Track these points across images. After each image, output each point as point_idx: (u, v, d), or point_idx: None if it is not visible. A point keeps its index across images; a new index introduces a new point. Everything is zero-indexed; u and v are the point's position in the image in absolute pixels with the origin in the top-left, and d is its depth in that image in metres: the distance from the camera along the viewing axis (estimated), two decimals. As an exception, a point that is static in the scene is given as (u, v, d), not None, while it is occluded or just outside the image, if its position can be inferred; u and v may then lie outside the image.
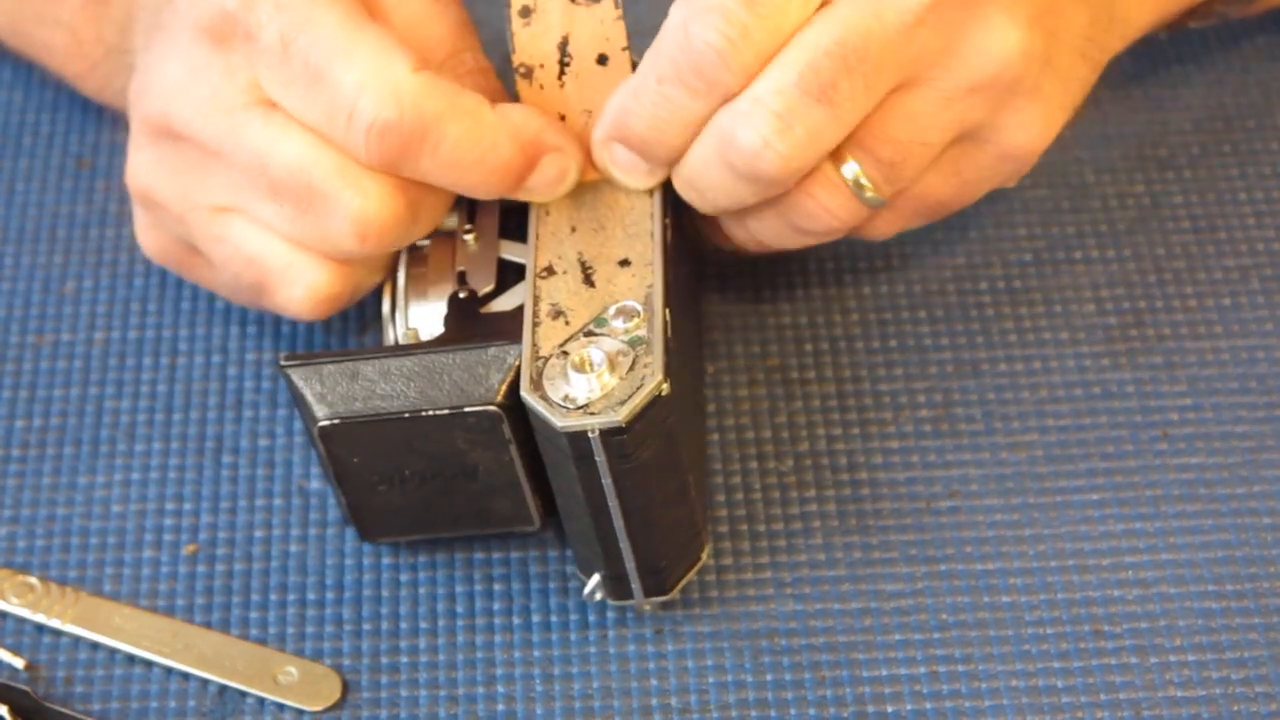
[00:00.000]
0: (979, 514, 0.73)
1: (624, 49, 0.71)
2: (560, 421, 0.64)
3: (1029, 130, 0.70)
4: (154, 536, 0.74)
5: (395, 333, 0.70)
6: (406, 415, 0.67)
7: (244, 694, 0.70)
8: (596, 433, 0.64)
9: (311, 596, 0.72)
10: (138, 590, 0.73)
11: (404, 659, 0.71)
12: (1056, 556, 0.72)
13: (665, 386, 0.65)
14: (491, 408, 0.66)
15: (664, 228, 0.69)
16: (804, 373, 0.77)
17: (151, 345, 0.79)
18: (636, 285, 0.67)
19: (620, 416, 0.64)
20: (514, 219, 0.71)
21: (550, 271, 0.68)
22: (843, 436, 0.75)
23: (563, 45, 0.71)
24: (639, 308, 0.67)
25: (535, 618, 0.71)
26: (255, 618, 0.72)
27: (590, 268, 0.68)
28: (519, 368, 0.66)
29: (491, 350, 0.67)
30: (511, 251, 0.71)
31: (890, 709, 0.69)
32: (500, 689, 0.70)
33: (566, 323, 0.66)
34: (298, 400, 0.68)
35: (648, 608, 0.71)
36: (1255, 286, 0.79)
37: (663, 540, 0.68)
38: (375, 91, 0.66)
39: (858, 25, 0.65)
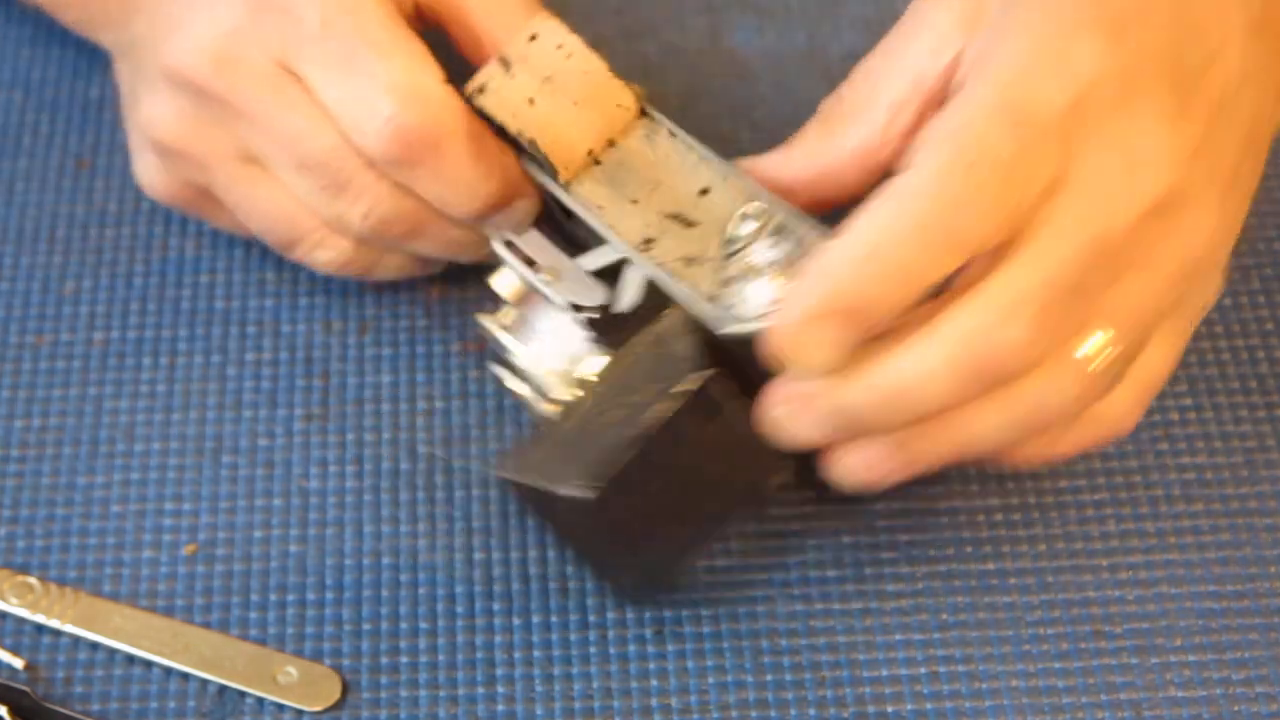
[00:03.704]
0: (979, 514, 0.73)
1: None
2: None
3: (1215, 281, 0.68)
4: (154, 536, 0.74)
5: (558, 400, 0.69)
6: (644, 435, 0.64)
7: (244, 694, 0.70)
8: None
9: (311, 596, 0.72)
10: (137, 590, 0.73)
11: (404, 659, 0.71)
12: (1056, 556, 0.72)
13: None
14: (704, 374, 0.65)
15: (707, 149, 0.69)
16: (804, 373, 0.77)
17: (151, 345, 0.79)
18: (735, 195, 0.67)
19: None
20: (543, 227, 0.71)
21: (650, 242, 0.68)
22: (843, 436, 0.75)
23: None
24: (760, 204, 0.66)
25: (535, 618, 0.71)
26: (255, 618, 0.72)
27: (680, 215, 0.67)
28: (693, 324, 0.65)
29: (658, 328, 0.66)
30: (590, 261, 0.70)
31: (890, 709, 0.69)
32: (500, 689, 0.70)
33: (703, 262, 0.66)
34: (532, 499, 0.67)
35: None
36: (1256, 286, 0.79)
37: None
38: (405, 90, 0.68)
39: (1101, 219, 0.62)
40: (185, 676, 0.71)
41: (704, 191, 0.68)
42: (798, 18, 0.86)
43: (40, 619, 0.72)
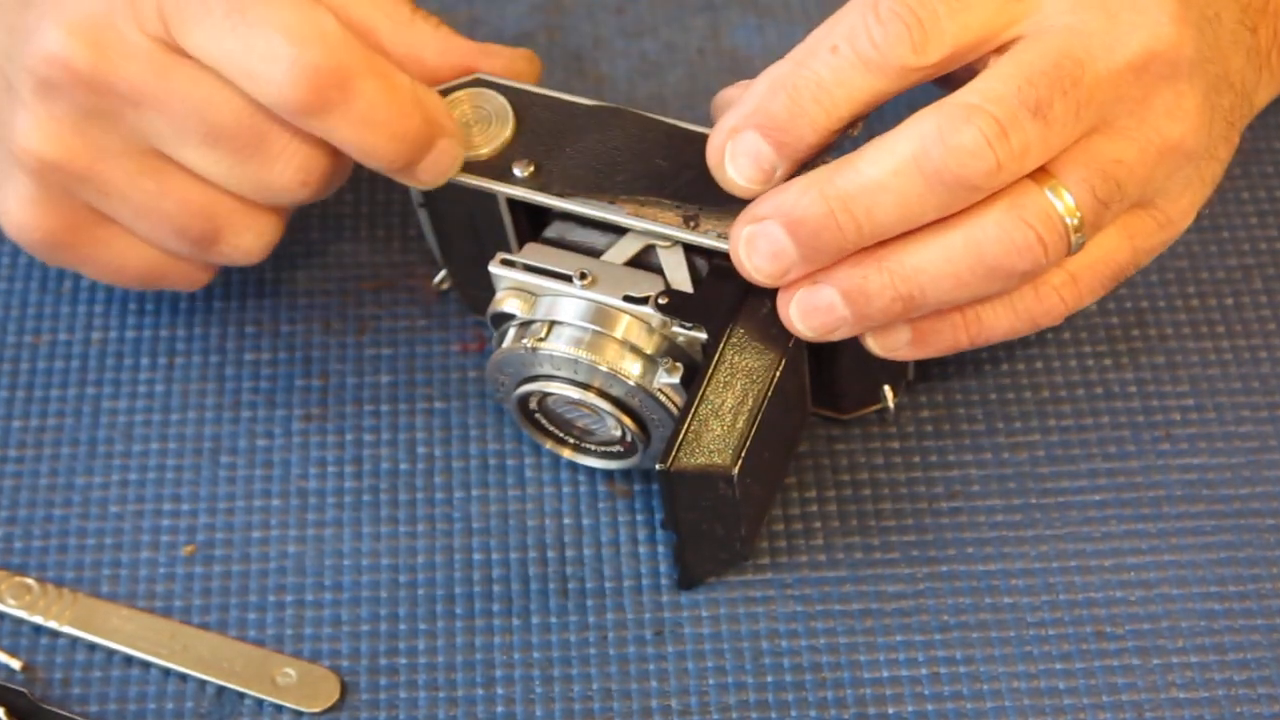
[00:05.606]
0: (980, 514, 0.73)
1: None
2: None
3: (1183, 201, 0.68)
4: (152, 537, 0.74)
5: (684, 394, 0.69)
6: (764, 398, 0.67)
7: (242, 695, 0.70)
8: None
9: (310, 597, 0.72)
10: (135, 591, 0.72)
11: (403, 659, 0.71)
12: (1058, 557, 0.72)
13: None
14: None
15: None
16: (804, 373, 0.77)
17: (150, 345, 0.79)
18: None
19: None
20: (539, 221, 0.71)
21: (692, 219, 0.68)
22: (843, 436, 0.75)
23: None
24: None
25: (535, 618, 0.71)
26: (253, 619, 0.72)
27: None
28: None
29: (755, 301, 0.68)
30: (615, 254, 0.70)
31: (891, 710, 0.69)
32: (500, 689, 0.70)
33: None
34: (678, 496, 0.67)
35: None
36: (1257, 286, 0.78)
37: None
38: (302, 31, 0.64)
39: (1070, 53, 0.63)
40: (184, 677, 0.71)
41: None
42: (798, 17, 0.86)
43: (38, 620, 0.72)
